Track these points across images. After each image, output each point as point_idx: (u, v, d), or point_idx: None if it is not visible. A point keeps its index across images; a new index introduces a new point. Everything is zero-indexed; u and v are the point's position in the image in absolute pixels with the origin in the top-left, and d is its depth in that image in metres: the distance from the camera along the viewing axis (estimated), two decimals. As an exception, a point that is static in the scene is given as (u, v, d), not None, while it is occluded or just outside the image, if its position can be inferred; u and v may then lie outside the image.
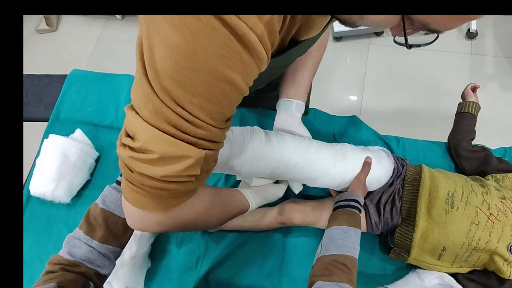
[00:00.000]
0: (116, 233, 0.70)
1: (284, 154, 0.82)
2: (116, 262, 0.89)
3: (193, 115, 0.44)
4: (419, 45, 0.55)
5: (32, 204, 1.09)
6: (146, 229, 0.56)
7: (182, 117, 0.43)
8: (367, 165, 0.88)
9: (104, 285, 0.70)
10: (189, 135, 0.45)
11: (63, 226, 1.06)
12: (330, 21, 0.65)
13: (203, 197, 0.61)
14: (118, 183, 0.74)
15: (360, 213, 0.82)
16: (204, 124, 0.45)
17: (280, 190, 0.90)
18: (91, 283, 0.64)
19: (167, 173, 0.46)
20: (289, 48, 0.59)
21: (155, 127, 0.44)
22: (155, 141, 0.44)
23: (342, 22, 0.53)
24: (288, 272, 1.00)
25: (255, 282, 0.99)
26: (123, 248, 0.74)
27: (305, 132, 0.89)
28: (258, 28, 0.40)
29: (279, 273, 1.00)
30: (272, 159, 0.82)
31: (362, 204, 0.84)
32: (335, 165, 0.86)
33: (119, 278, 0.95)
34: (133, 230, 0.75)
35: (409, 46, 0.53)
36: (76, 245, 0.65)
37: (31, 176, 1.06)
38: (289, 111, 0.89)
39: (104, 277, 0.70)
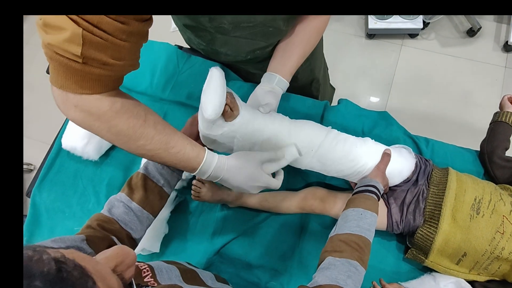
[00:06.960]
0: (151, 199, 0.76)
1: (307, 135, 0.84)
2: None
3: None
4: None
5: (62, 158, 1.11)
6: (63, 109, 0.61)
7: None
8: (386, 155, 0.89)
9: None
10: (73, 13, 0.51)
11: (88, 183, 1.08)
12: None
13: (120, 106, 0.63)
14: None
15: (378, 199, 0.81)
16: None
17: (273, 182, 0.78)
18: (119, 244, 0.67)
19: (50, 40, 0.53)
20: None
21: None
22: None
23: None
24: (301, 259, 1.01)
25: (268, 263, 1.00)
26: (155, 216, 0.79)
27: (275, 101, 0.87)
28: None
29: (292, 257, 1.01)
30: (297, 140, 0.83)
31: (382, 191, 0.83)
32: (357, 146, 0.88)
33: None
34: (166, 200, 0.80)
35: None
36: (115, 205, 0.72)
37: (64, 130, 1.08)
38: (271, 84, 0.88)
39: (134, 242, 0.74)
